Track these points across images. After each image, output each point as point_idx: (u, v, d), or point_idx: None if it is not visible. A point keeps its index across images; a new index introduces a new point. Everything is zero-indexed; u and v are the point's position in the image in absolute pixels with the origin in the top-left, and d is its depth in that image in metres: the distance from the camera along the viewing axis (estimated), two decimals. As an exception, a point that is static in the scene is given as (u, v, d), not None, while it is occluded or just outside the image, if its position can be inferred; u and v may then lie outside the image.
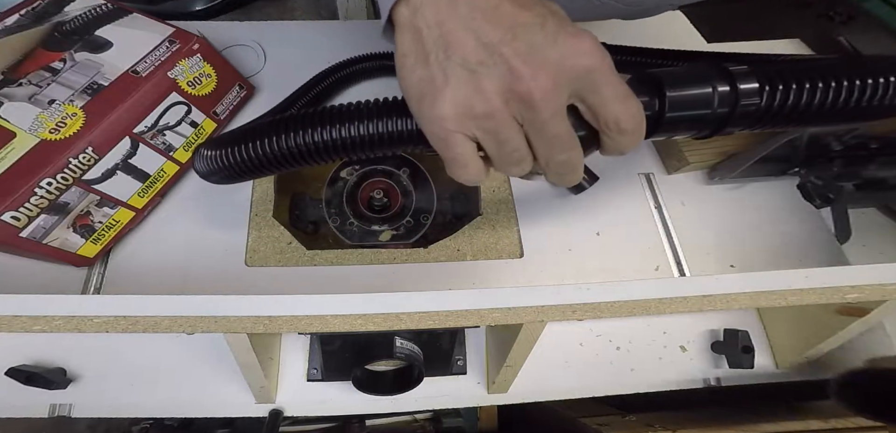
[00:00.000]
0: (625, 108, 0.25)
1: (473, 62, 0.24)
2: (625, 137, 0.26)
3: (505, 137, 0.25)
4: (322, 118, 0.31)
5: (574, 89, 0.25)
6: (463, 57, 0.24)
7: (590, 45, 0.24)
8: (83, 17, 0.48)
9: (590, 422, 0.55)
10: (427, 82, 0.25)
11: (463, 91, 0.24)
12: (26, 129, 0.39)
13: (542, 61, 0.24)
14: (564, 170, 0.27)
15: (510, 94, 0.24)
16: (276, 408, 0.46)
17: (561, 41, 0.24)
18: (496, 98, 0.24)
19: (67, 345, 0.45)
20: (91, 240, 0.43)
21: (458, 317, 0.33)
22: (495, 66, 0.24)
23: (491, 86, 0.24)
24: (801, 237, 0.50)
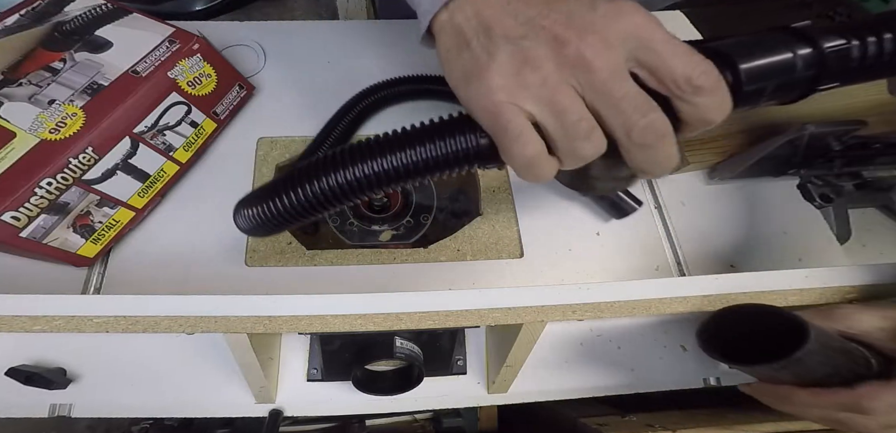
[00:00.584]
0: (690, 61, 0.23)
1: (517, 36, 0.23)
2: (704, 97, 0.23)
3: (563, 105, 0.23)
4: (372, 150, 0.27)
5: (628, 52, 0.23)
6: (504, 33, 0.24)
7: (632, 7, 0.23)
8: (83, 17, 0.48)
9: (590, 422, 0.55)
10: (471, 63, 0.25)
11: (510, 62, 0.23)
12: (26, 129, 0.39)
13: (586, 24, 0.23)
14: (650, 138, 0.23)
15: (560, 59, 0.23)
16: (276, 408, 0.46)
17: (601, 6, 0.23)
18: (548, 64, 0.23)
19: (67, 345, 0.45)
20: (91, 240, 0.43)
21: (458, 317, 0.33)
22: (538, 36, 0.23)
23: (539, 54, 0.23)
24: (801, 237, 0.50)
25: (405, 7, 0.35)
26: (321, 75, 0.61)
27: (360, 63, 0.62)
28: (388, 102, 0.57)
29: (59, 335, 0.33)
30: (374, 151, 0.26)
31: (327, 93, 0.59)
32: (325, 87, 0.60)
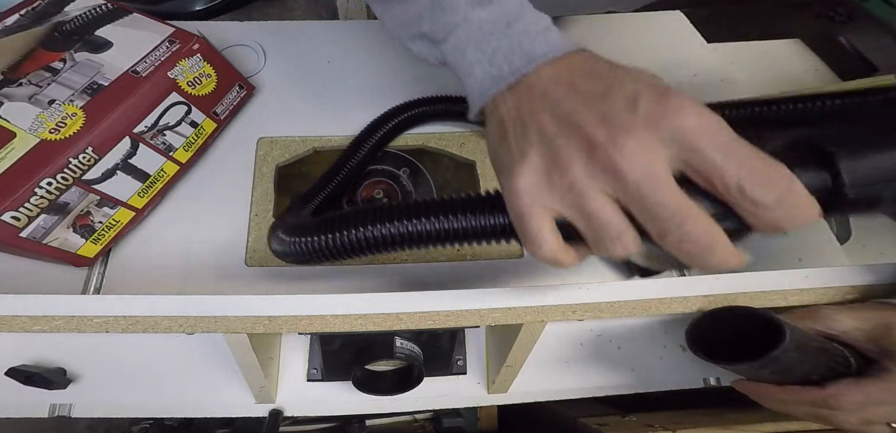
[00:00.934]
0: (746, 166, 0.20)
1: (550, 134, 0.23)
2: (766, 211, 0.20)
3: (591, 210, 0.22)
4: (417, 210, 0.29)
5: (672, 154, 0.21)
6: (538, 129, 0.24)
7: (679, 104, 0.21)
8: (83, 17, 0.48)
9: (590, 422, 0.55)
10: (507, 158, 0.25)
11: (540, 161, 0.23)
12: (26, 129, 0.39)
13: (622, 124, 0.21)
14: (688, 248, 0.21)
15: (591, 162, 0.22)
16: (276, 408, 0.46)
17: (644, 102, 0.21)
18: (576, 168, 0.22)
19: (67, 345, 0.45)
20: (91, 240, 0.43)
21: (458, 317, 0.33)
22: (571, 137, 0.22)
23: (568, 156, 0.22)
24: (801, 237, 0.50)
25: None
26: (321, 75, 0.61)
27: (360, 63, 0.63)
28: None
29: (59, 335, 0.33)
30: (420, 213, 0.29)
31: (327, 93, 0.59)
32: (325, 87, 0.60)
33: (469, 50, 0.29)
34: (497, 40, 0.28)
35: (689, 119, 0.21)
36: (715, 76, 0.64)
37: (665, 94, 0.21)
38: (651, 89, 0.22)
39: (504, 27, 0.28)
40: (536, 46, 0.27)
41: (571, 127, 0.23)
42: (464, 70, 0.29)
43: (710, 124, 0.21)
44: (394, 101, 0.58)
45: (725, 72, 0.65)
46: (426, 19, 0.31)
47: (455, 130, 0.55)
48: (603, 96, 0.23)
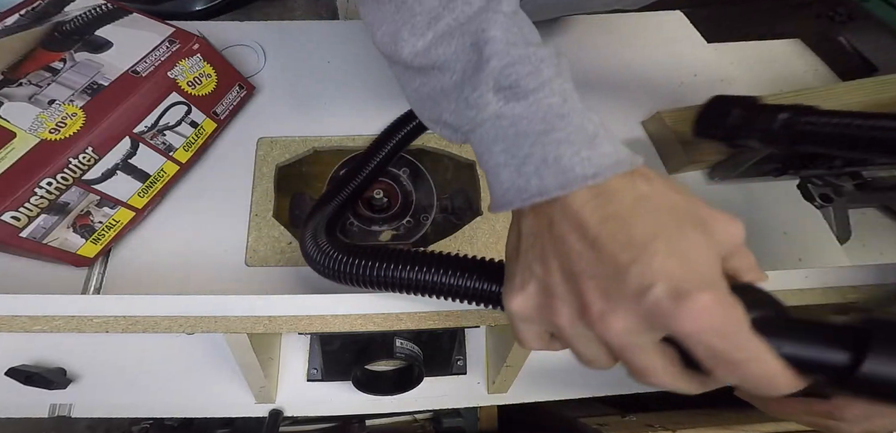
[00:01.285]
0: (736, 372, 0.19)
1: (551, 283, 0.23)
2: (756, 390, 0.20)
3: (578, 351, 0.24)
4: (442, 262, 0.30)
5: (655, 328, 0.21)
6: (544, 271, 0.24)
7: (690, 309, 0.19)
8: (83, 17, 0.48)
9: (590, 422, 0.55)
10: (513, 270, 0.26)
11: (535, 299, 0.24)
12: (26, 129, 0.39)
13: (620, 307, 0.21)
14: (671, 389, 0.22)
15: (581, 322, 0.22)
16: (276, 408, 0.46)
17: (652, 299, 0.19)
18: (564, 319, 0.23)
19: (67, 345, 0.45)
20: (91, 240, 0.43)
21: (458, 317, 0.33)
22: (569, 295, 0.23)
23: (561, 307, 0.23)
24: (801, 237, 0.50)
25: None
26: (321, 75, 0.61)
27: (360, 63, 0.63)
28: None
29: (59, 335, 0.33)
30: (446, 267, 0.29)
31: (327, 93, 0.59)
32: (325, 87, 0.60)
33: (497, 148, 0.25)
34: (530, 146, 0.24)
35: (693, 324, 0.19)
36: (715, 76, 0.64)
37: (682, 297, 0.19)
38: (668, 290, 0.19)
39: (540, 132, 0.23)
40: (575, 165, 0.22)
41: (574, 286, 0.22)
42: (490, 167, 0.26)
43: (716, 333, 0.19)
44: (394, 101, 0.58)
45: (725, 72, 0.65)
46: (448, 107, 0.27)
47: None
48: (617, 272, 0.20)
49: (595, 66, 0.60)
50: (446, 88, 0.27)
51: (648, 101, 0.57)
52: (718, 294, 0.19)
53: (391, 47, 0.29)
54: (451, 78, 0.27)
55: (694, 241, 0.20)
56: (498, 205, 0.26)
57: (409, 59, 0.28)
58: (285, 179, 0.54)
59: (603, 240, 0.21)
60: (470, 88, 0.25)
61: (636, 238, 0.20)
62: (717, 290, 0.19)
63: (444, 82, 0.27)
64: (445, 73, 0.27)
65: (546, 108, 0.24)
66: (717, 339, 0.19)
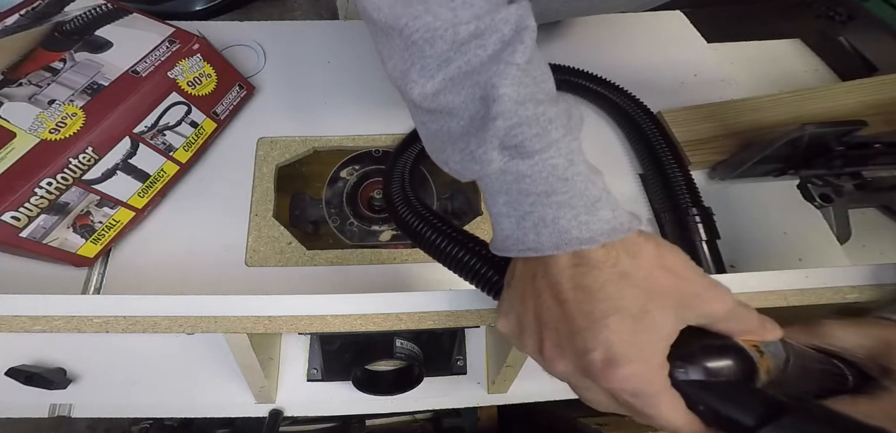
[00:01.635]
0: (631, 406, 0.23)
1: (525, 321, 0.26)
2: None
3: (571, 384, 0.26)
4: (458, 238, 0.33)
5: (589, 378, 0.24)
6: (534, 311, 0.26)
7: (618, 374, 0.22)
8: (83, 17, 0.48)
9: (589, 422, 0.55)
10: (504, 299, 0.28)
11: (512, 328, 0.27)
12: (26, 129, 0.39)
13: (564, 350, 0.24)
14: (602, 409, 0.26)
15: (538, 354, 0.26)
16: (276, 408, 0.46)
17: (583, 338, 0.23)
18: (530, 349, 0.26)
19: (67, 345, 0.45)
20: (91, 240, 0.43)
21: (458, 317, 0.33)
22: (535, 333, 0.25)
23: (528, 341, 0.26)
24: (801, 237, 0.50)
25: None
26: (321, 75, 0.61)
27: (360, 63, 0.63)
28: None
29: (59, 335, 0.33)
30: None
31: (327, 93, 0.59)
32: (325, 87, 0.60)
33: (500, 199, 0.26)
34: (531, 204, 0.25)
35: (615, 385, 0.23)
36: (715, 76, 0.64)
37: (611, 365, 0.22)
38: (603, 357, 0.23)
39: (542, 193, 0.24)
40: (572, 228, 0.24)
41: (539, 329, 0.25)
42: (493, 213, 0.27)
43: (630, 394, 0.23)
44: (394, 102, 0.58)
45: (725, 72, 0.65)
46: (454, 153, 0.27)
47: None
48: (571, 332, 0.24)
49: (595, 66, 0.60)
50: (453, 134, 0.27)
51: (648, 101, 0.57)
52: (641, 365, 0.22)
53: (400, 83, 0.28)
54: (458, 124, 0.26)
55: (648, 322, 0.23)
56: (498, 249, 0.27)
57: (417, 99, 0.27)
58: (285, 179, 0.54)
59: (570, 304, 0.24)
60: (476, 143, 0.25)
61: (596, 311, 0.23)
62: (642, 362, 0.22)
63: (452, 127, 0.27)
64: (453, 118, 0.27)
65: (550, 170, 0.24)
66: (632, 398, 0.23)
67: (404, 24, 0.25)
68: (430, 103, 0.27)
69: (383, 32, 0.27)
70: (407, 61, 0.27)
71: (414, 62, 0.26)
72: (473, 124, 0.25)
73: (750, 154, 0.49)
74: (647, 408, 0.23)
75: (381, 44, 0.29)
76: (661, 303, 0.23)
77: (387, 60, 0.29)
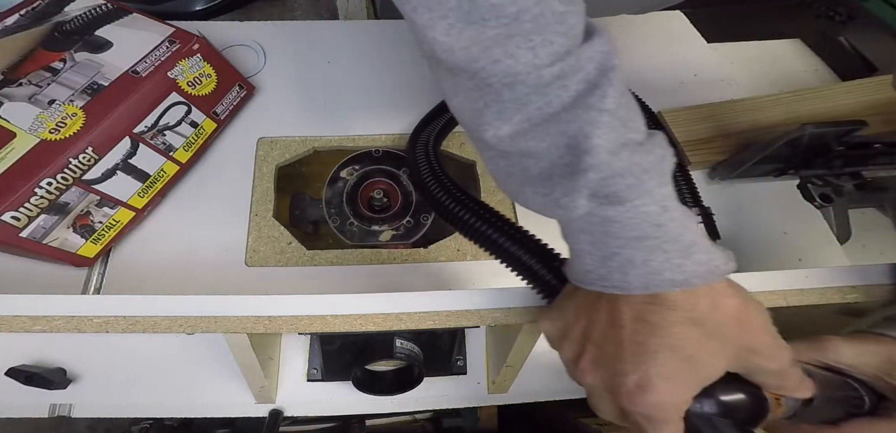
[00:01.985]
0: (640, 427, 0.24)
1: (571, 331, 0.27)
2: None
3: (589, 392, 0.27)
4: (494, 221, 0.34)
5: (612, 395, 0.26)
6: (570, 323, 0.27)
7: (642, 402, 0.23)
8: (83, 17, 0.48)
9: (590, 422, 0.55)
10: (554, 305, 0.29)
11: (555, 333, 0.28)
12: (26, 129, 0.39)
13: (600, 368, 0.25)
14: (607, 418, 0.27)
15: (572, 362, 0.27)
16: (276, 408, 0.46)
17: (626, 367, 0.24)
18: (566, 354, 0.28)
19: (67, 345, 0.45)
20: (91, 240, 0.43)
21: (458, 317, 0.33)
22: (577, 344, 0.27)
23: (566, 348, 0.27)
24: (801, 237, 0.50)
25: None
26: (321, 75, 0.61)
27: (360, 63, 0.63)
28: None
29: (59, 335, 0.33)
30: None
31: (327, 93, 0.59)
32: (325, 87, 0.60)
33: (582, 237, 0.25)
34: (618, 246, 0.24)
35: (631, 406, 0.24)
36: (715, 76, 0.64)
37: (640, 390, 0.23)
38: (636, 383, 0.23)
39: (634, 239, 0.24)
40: (665, 270, 0.23)
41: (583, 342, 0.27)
42: (571, 245, 0.27)
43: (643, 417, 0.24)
44: (394, 102, 0.58)
45: (725, 72, 0.65)
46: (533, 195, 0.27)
47: (455, 131, 0.55)
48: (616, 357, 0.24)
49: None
50: (532, 176, 0.26)
51: (649, 101, 0.57)
52: (669, 398, 0.23)
53: (471, 123, 0.27)
54: (537, 166, 0.26)
55: (698, 363, 0.23)
56: (578, 279, 0.27)
57: (491, 141, 0.26)
58: (285, 179, 0.54)
59: (625, 331, 0.24)
60: (562, 191, 0.25)
61: (649, 344, 0.23)
62: (672, 395, 0.23)
63: (530, 168, 0.26)
64: (532, 160, 0.26)
65: (642, 217, 0.24)
66: (644, 420, 0.24)
67: (480, 67, 0.24)
68: (506, 145, 0.26)
69: (450, 72, 0.26)
70: (478, 102, 0.26)
71: (488, 104, 0.25)
72: (558, 170, 0.25)
73: (750, 154, 0.49)
74: (651, 430, 0.24)
75: (446, 82, 0.28)
76: (718, 350, 0.24)
77: (452, 97, 0.28)
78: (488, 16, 0.23)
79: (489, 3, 0.23)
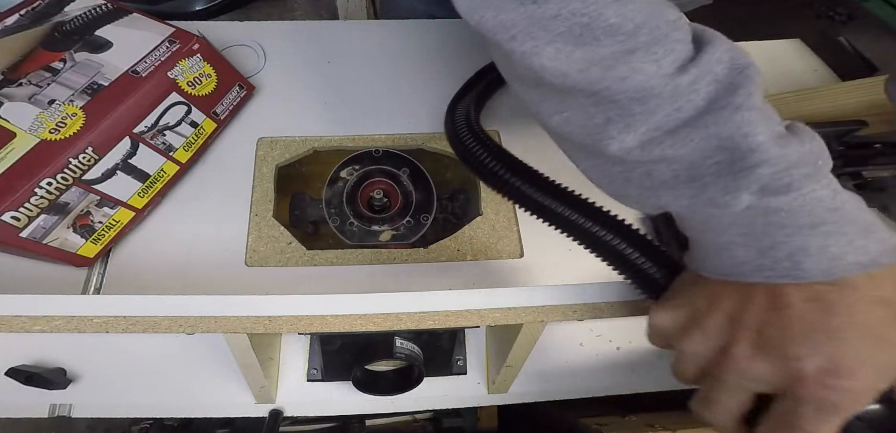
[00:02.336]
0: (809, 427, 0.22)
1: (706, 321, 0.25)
2: None
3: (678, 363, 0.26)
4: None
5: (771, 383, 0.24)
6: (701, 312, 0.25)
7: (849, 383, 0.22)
8: (83, 17, 0.48)
9: (590, 422, 0.55)
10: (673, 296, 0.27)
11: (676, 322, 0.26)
12: (26, 129, 0.39)
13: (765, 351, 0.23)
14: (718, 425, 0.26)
15: (711, 354, 0.25)
16: (276, 408, 0.46)
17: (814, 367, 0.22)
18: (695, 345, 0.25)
19: (67, 345, 0.45)
20: (91, 240, 0.43)
21: (458, 317, 0.33)
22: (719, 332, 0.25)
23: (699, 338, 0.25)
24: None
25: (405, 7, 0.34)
26: (321, 75, 0.61)
27: (360, 63, 0.63)
28: None
29: (59, 335, 0.33)
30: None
31: (327, 93, 0.59)
32: (325, 87, 0.60)
33: (732, 231, 0.24)
34: (786, 235, 0.23)
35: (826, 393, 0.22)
36: (715, 76, 0.64)
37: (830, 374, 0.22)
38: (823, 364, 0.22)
39: (806, 226, 0.23)
40: (848, 253, 0.22)
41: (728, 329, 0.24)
42: (708, 240, 0.26)
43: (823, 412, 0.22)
44: (394, 102, 0.58)
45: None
46: (677, 200, 0.26)
47: (455, 130, 0.55)
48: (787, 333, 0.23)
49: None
50: (663, 180, 0.26)
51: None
52: (863, 383, 0.21)
53: (590, 139, 0.27)
54: (669, 170, 0.25)
55: (885, 350, 0.22)
56: (719, 273, 0.25)
57: (617, 154, 0.26)
58: (285, 179, 0.54)
59: (793, 310, 0.22)
60: (717, 190, 0.24)
61: (830, 324, 0.22)
62: (865, 381, 0.21)
63: (659, 173, 0.26)
64: (663, 165, 0.25)
65: (815, 203, 0.23)
66: (816, 409, 0.22)
67: (605, 86, 0.24)
68: (635, 155, 0.26)
69: (559, 92, 0.27)
70: (598, 117, 0.26)
71: (612, 120, 0.25)
72: (708, 171, 0.24)
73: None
74: (815, 422, 0.22)
75: (549, 101, 0.28)
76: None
77: (552, 115, 0.28)
78: (603, 36, 0.24)
79: (606, 24, 0.24)
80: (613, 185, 0.29)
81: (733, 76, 0.24)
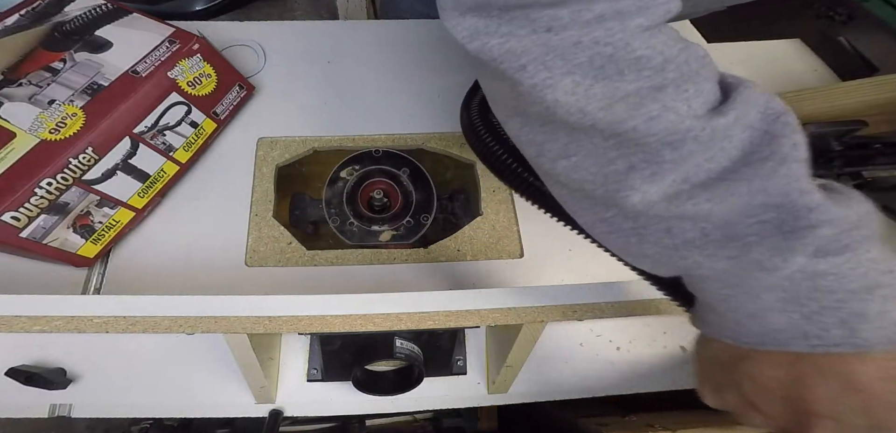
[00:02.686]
0: None
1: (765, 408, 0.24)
2: None
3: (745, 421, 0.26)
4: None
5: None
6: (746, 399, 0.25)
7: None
8: (83, 17, 0.48)
9: (590, 422, 0.55)
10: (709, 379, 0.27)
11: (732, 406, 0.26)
12: (26, 129, 0.39)
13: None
14: None
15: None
16: (276, 408, 0.46)
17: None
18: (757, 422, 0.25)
19: (67, 345, 0.45)
20: (91, 240, 0.43)
21: (458, 317, 0.33)
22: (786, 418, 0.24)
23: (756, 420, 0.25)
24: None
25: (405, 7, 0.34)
26: (321, 75, 0.61)
27: (360, 63, 0.63)
28: None
29: (59, 335, 0.33)
30: None
31: (327, 93, 0.59)
32: (325, 87, 0.60)
33: (769, 296, 0.22)
34: (835, 300, 0.21)
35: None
36: (715, 76, 0.64)
37: None
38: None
39: (862, 289, 0.21)
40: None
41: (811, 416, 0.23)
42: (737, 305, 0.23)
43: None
44: (394, 102, 0.58)
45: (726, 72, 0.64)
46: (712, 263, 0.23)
47: (456, 131, 0.55)
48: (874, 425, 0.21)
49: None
50: (691, 239, 0.23)
51: (648, 101, 0.57)
52: None
53: (604, 188, 0.23)
54: (696, 228, 0.22)
55: None
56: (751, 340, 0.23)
57: (635, 208, 0.23)
58: (285, 179, 0.54)
59: (874, 394, 0.21)
60: (763, 252, 0.21)
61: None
62: None
63: (686, 232, 0.23)
64: (686, 222, 0.22)
65: (868, 265, 0.21)
66: None
67: (632, 126, 0.21)
68: (657, 210, 0.22)
69: (573, 131, 0.23)
70: (617, 163, 0.23)
71: (636, 166, 0.22)
72: (750, 231, 0.21)
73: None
74: None
75: (557, 143, 0.24)
76: None
77: (560, 158, 0.24)
78: (627, 69, 0.21)
79: (633, 57, 0.21)
80: (623, 242, 0.26)
81: (769, 124, 0.21)
